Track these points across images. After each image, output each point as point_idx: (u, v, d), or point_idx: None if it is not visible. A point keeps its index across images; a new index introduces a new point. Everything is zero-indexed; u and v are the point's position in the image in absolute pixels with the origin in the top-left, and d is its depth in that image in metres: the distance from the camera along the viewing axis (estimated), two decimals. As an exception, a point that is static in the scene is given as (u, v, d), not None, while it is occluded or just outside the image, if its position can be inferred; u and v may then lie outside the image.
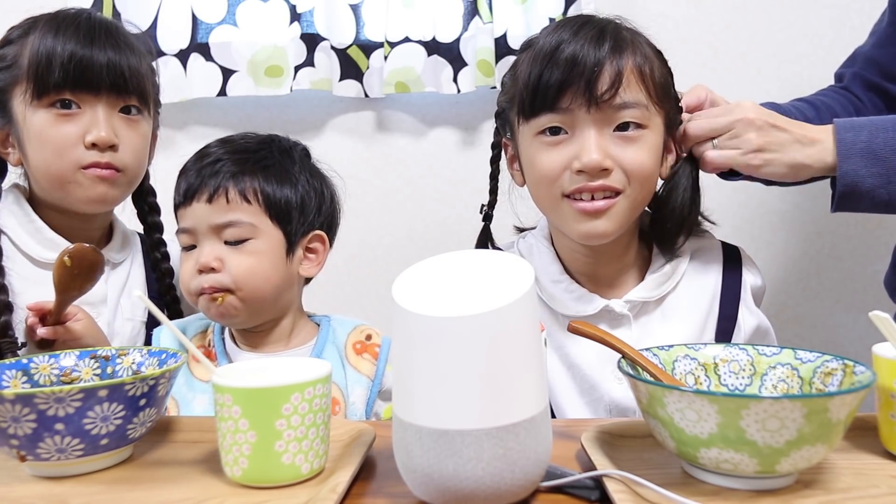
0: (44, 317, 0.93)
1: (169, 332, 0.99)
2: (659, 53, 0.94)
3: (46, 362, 0.78)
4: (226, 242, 0.92)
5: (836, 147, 0.89)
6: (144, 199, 1.15)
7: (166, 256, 1.14)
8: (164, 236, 1.15)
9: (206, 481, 0.65)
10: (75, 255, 0.89)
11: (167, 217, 1.14)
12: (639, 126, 0.89)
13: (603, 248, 0.96)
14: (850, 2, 1.54)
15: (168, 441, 0.76)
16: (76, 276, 0.90)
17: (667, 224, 0.97)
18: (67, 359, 0.79)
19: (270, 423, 0.62)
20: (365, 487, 0.65)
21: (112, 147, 0.99)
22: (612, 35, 0.88)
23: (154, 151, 1.13)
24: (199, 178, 0.92)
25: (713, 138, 0.95)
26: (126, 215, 1.16)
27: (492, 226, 1.11)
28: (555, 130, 0.90)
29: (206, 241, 0.92)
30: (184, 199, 0.93)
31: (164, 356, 0.77)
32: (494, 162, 1.07)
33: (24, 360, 0.77)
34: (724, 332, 0.97)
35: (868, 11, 1.52)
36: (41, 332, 0.93)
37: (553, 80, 0.86)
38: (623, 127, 0.88)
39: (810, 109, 1.14)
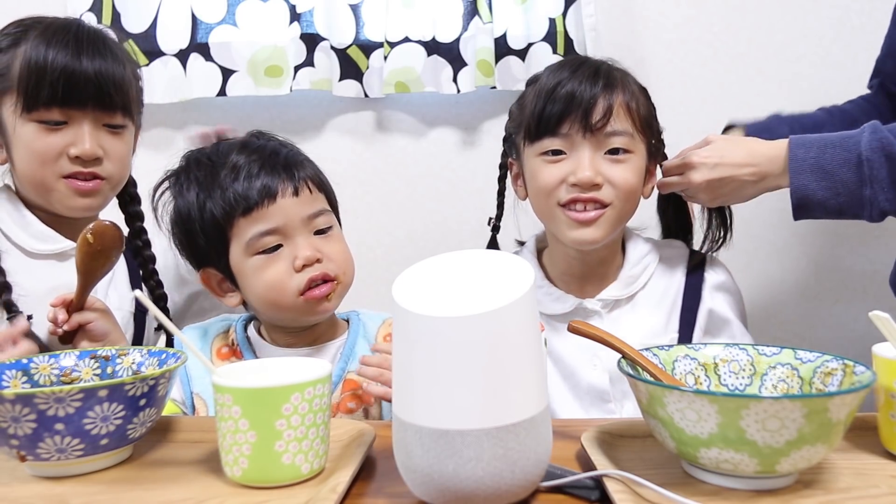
0: (67, 308, 0.94)
1: (191, 331, 1.00)
2: (644, 91, 1.08)
3: (46, 362, 0.78)
4: (315, 233, 0.92)
5: (789, 163, 0.99)
6: (125, 190, 1.15)
7: (148, 244, 1.15)
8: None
9: (206, 481, 0.65)
10: (97, 232, 0.90)
11: (147, 222, 1.15)
12: (626, 151, 1.03)
13: (593, 252, 1.08)
14: (850, 2, 1.53)
15: (168, 441, 0.76)
16: (99, 252, 0.91)
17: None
18: (67, 359, 0.79)
19: (270, 423, 0.62)
20: (365, 487, 0.65)
21: (97, 159, 1.02)
22: (605, 74, 1.03)
23: (136, 145, 1.14)
24: (275, 174, 0.90)
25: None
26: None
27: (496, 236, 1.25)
28: (555, 152, 1.03)
29: (299, 236, 0.91)
30: (265, 197, 0.89)
31: (164, 356, 0.77)
32: (502, 181, 1.21)
33: (24, 361, 0.77)
34: (687, 323, 1.09)
35: (868, 12, 1.52)
36: (68, 324, 0.94)
37: (555, 112, 1.01)
38: (613, 151, 1.02)
39: (825, 114, 1.22)
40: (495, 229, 1.23)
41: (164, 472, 0.68)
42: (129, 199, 1.16)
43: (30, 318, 0.98)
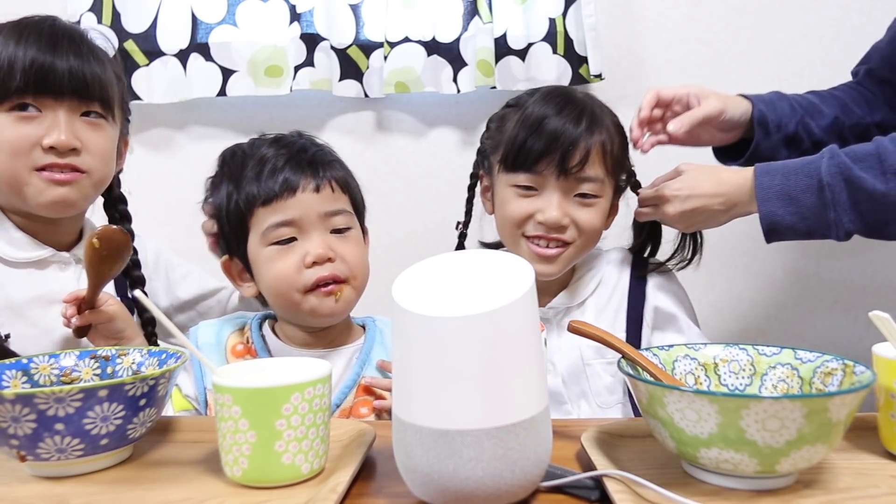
0: (79, 306, 0.95)
1: (207, 328, 0.99)
2: (620, 129, 1.12)
3: (46, 362, 0.78)
4: (332, 232, 0.92)
5: (756, 191, 1.03)
6: (115, 207, 1.13)
7: (137, 264, 1.12)
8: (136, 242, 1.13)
9: (206, 481, 0.65)
10: (103, 237, 0.91)
11: (146, 222, 1.15)
12: (595, 196, 1.07)
13: None
14: (850, 2, 1.53)
15: (168, 441, 0.76)
16: (105, 257, 0.91)
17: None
18: (67, 359, 0.79)
19: (270, 423, 0.62)
20: (365, 487, 0.65)
21: (74, 151, 0.97)
22: (589, 116, 1.06)
23: (124, 160, 1.11)
24: (299, 169, 0.91)
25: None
26: (96, 217, 1.13)
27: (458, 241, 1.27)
28: (527, 188, 1.06)
29: (314, 232, 0.91)
30: (285, 190, 0.90)
31: (164, 356, 0.77)
32: (471, 189, 1.24)
33: (24, 360, 0.77)
34: (634, 320, 1.14)
35: (868, 12, 1.52)
36: (76, 321, 0.95)
37: (535, 148, 1.04)
38: (582, 194, 1.06)
39: (815, 97, 1.22)
40: (462, 236, 1.26)
41: (164, 472, 0.68)
42: (119, 216, 1.13)
43: (7, 337, 0.96)
